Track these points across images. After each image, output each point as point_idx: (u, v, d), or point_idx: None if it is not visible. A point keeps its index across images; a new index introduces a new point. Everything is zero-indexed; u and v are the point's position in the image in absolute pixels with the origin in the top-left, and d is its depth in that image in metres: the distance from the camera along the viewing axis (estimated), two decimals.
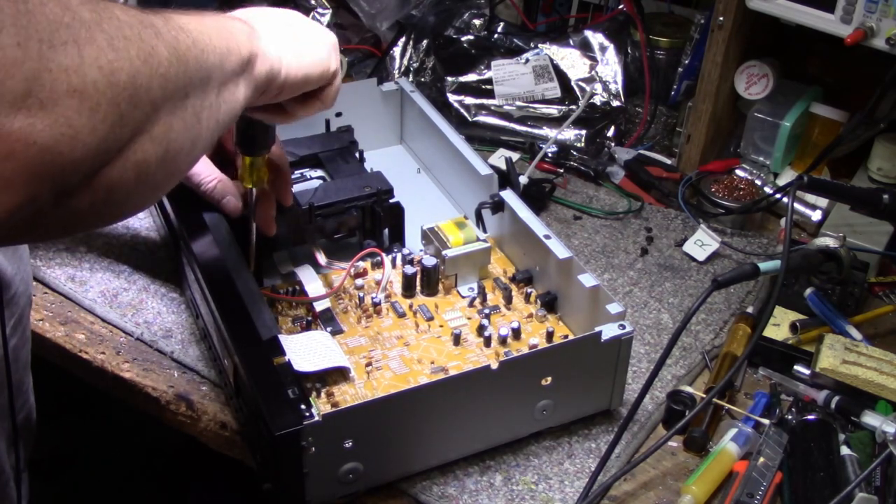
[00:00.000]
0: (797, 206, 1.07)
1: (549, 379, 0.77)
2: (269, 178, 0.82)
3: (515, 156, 1.17)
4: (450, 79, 1.25)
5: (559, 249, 0.83)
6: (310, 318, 0.84)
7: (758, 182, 1.11)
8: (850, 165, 1.13)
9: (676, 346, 0.88)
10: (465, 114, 1.23)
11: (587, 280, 0.80)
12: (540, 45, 1.25)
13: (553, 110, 1.22)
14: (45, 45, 0.45)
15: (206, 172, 0.85)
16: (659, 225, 1.09)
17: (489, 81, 1.23)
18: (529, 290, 0.87)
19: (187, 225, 0.85)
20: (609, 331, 0.77)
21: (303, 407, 0.70)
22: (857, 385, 0.83)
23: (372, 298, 0.85)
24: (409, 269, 0.86)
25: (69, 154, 0.47)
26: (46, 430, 0.87)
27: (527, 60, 1.23)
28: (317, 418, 0.68)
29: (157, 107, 0.52)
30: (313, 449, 0.69)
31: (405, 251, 0.91)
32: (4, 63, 0.44)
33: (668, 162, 1.18)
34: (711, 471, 0.76)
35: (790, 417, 0.82)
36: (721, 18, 1.06)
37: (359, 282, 0.88)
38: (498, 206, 0.91)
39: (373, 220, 0.91)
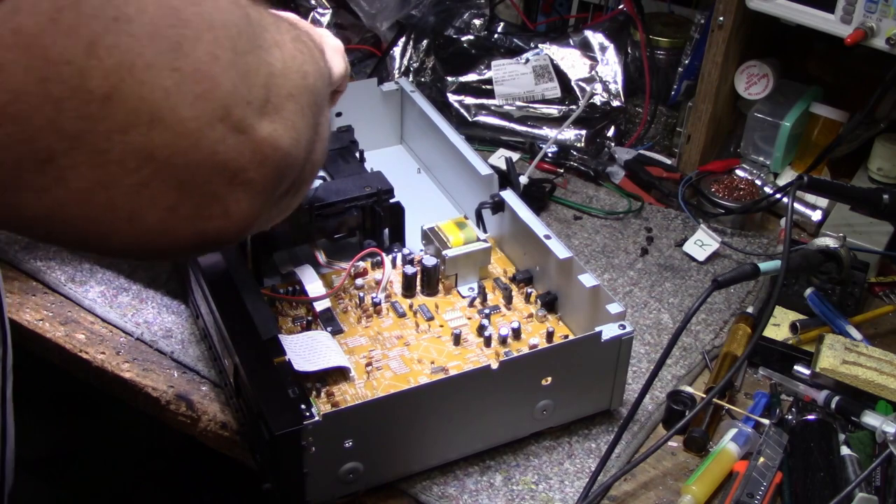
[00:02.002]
0: (797, 206, 1.07)
1: (549, 379, 0.77)
2: None
3: (515, 156, 1.17)
4: (450, 79, 1.25)
5: (559, 249, 0.83)
6: (310, 318, 0.84)
7: (758, 182, 1.11)
8: (850, 165, 1.13)
9: (676, 346, 0.88)
10: (465, 114, 1.23)
11: (587, 280, 0.80)
12: (540, 45, 1.25)
13: (553, 110, 1.22)
14: (263, 51, 0.46)
15: None
16: (659, 225, 1.09)
17: (489, 81, 1.23)
18: (529, 290, 0.87)
19: None
20: (609, 331, 0.77)
21: (303, 407, 0.70)
22: (857, 385, 0.83)
23: (372, 298, 0.85)
24: (410, 269, 0.86)
25: (296, 156, 0.48)
26: (46, 430, 0.87)
27: (527, 60, 1.23)
28: (317, 418, 0.68)
29: (322, 108, 0.53)
30: (313, 449, 0.69)
31: (405, 251, 0.91)
32: (248, 70, 0.44)
33: (668, 162, 1.18)
34: (711, 471, 0.76)
35: (790, 417, 0.82)
36: (721, 18, 1.06)
37: (359, 282, 0.87)
38: (498, 206, 0.91)
39: (373, 220, 0.91)
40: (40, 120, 0.37)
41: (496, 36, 1.29)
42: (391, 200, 0.91)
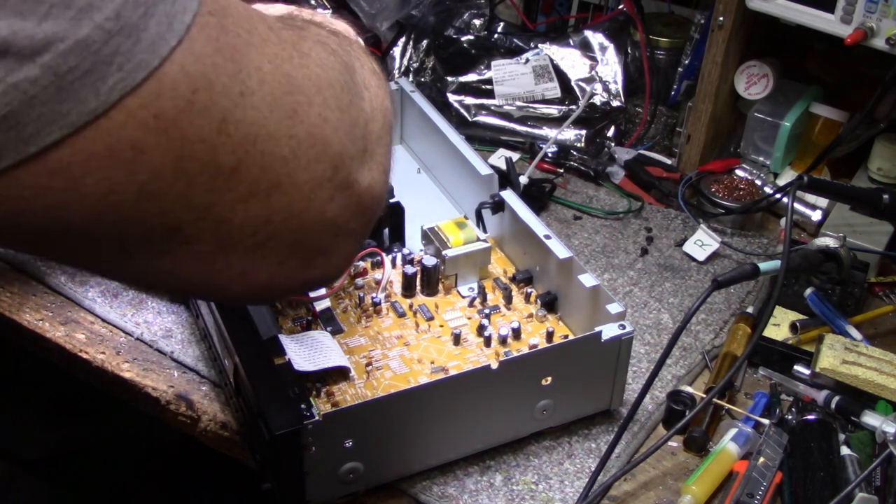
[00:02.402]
0: (797, 206, 1.07)
1: (549, 379, 0.77)
2: None
3: (515, 156, 1.17)
4: (450, 79, 1.25)
5: (559, 249, 0.83)
6: (310, 318, 0.83)
7: (758, 182, 1.11)
8: (850, 165, 1.13)
9: (676, 346, 0.88)
10: (465, 114, 1.23)
11: (587, 280, 0.80)
12: (540, 45, 1.25)
13: (553, 110, 1.22)
14: (359, 99, 0.47)
15: None
16: (659, 225, 1.09)
17: (489, 81, 1.23)
18: (529, 290, 0.87)
19: None
20: (609, 331, 0.77)
21: (303, 407, 0.70)
22: (857, 385, 0.83)
23: (372, 298, 0.85)
24: (409, 269, 0.86)
25: (382, 197, 0.50)
26: (46, 430, 0.87)
27: (527, 60, 1.23)
28: (317, 418, 0.68)
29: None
30: (313, 449, 0.69)
31: (405, 251, 0.91)
32: (351, 125, 0.45)
33: (668, 162, 1.18)
34: (711, 471, 0.76)
35: (790, 417, 0.82)
36: (721, 18, 1.06)
37: (359, 281, 0.87)
38: (498, 206, 0.91)
39: None
40: (173, 196, 0.38)
41: (496, 36, 1.29)
42: (391, 200, 0.91)
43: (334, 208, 0.44)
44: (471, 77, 1.24)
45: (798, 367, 0.86)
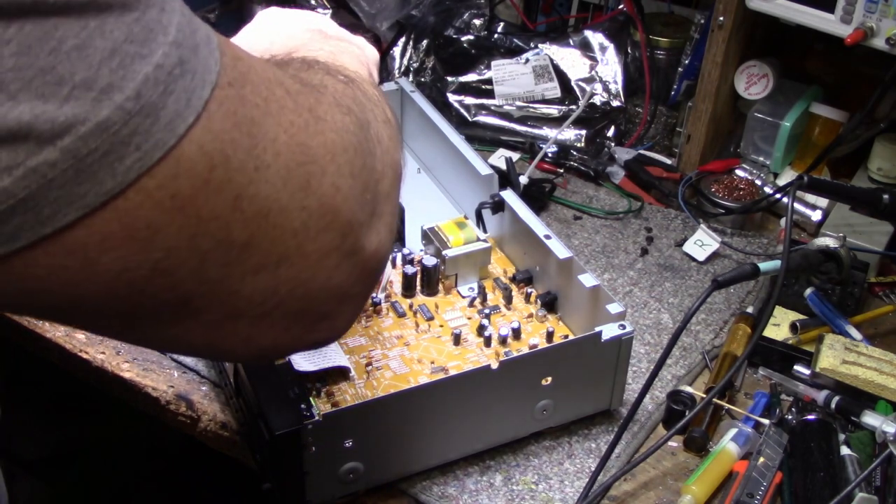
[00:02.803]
0: (797, 206, 1.07)
1: (549, 379, 0.77)
2: None
3: (515, 156, 1.17)
4: (450, 79, 1.25)
5: (559, 249, 0.83)
6: None
7: (758, 182, 1.11)
8: (850, 165, 1.13)
9: (676, 346, 0.88)
10: (465, 114, 1.23)
11: (587, 280, 0.80)
12: (540, 45, 1.25)
13: (553, 110, 1.22)
14: (371, 157, 0.47)
15: None
16: (659, 225, 1.09)
17: (489, 81, 1.23)
18: (529, 290, 0.87)
19: None
20: (609, 331, 0.77)
21: (303, 407, 0.70)
22: (857, 385, 0.83)
23: (372, 298, 0.85)
24: (410, 269, 0.86)
25: (387, 257, 0.49)
26: (46, 430, 0.87)
27: (527, 60, 1.23)
28: (317, 418, 0.68)
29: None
30: (313, 449, 0.69)
31: (405, 251, 0.91)
32: (362, 190, 0.45)
33: (668, 162, 1.18)
34: (711, 471, 0.76)
35: (790, 417, 0.82)
36: (721, 18, 1.06)
37: None
38: (498, 206, 0.91)
39: None
40: (186, 271, 0.38)
41: (496, 36, 1.29)
42: None
43: (340, 275, 0.44)
44: (471, 77, 1.24)
45: (798, 367, 0.86)
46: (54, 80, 0.33)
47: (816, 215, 1.07)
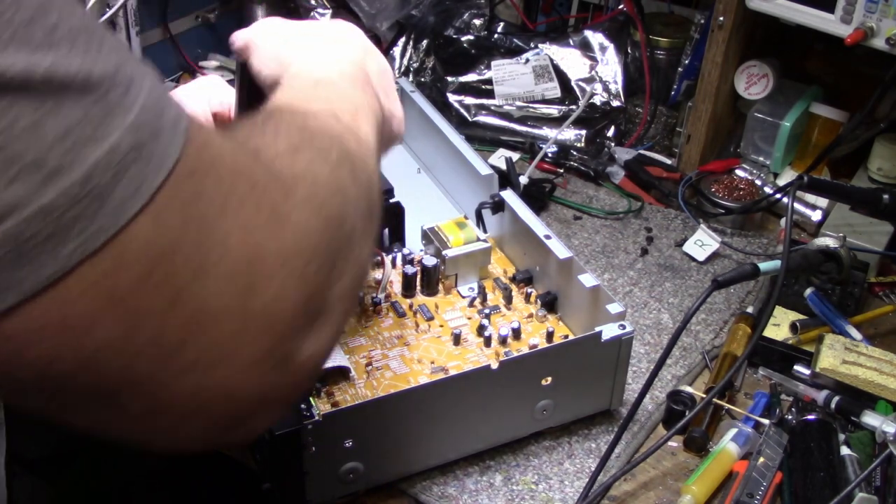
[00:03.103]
0: (797, 206, 1.07)
1: (549, 379, 0.77)
2: None
3: (515, 156, 1.17)
4: (450, 79, 1.25)
5: (559, 249, 0.83)
6: None
7: (758, 182, 1.11)
8: (850, 165, 1.13)
9: (676, 346, 0.88)
10: (465, 114, 1.23)
11: (587, 280, 0.80)
12: (540, 45, 1.25)
13: (553, 110, 1.22)
14: (340, 258, 0.45)
15: None
16: (659, 225, 1.09)
17: (489, 81, 1.23)
18: (529, 290, 0.87)
19: None
20: (609, 331, 0.77)
21: (303, 407, 0.70)
22: (857, 385, 0.83)
23: (372, 298, 0.85)
24: (410, 269, 0.86)
25: (323, 362, 0.47)
26: (47, 429, 0.87)
27: (527, 60, 1.23)
28: (317, 418, 0.68)
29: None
30: (313, 449, 0.69)
31: (405, 251, 0.91)
32: (312, 295, 0.42)
33: (668, 162, 1.18)
34: (711, 471, 0.76)
35: (790, 417, 0.82)
36: (721, 18, 1.06)
37: None
38: (498, 206, 0.91)
39: None
40: (116, 365, 0.37)
41: (496, 36, 1.29)
42: (391, 200, 0.91)
43: (268, 383, 0.41)
44: (471, 77, 1.24)
45: (798, 367, 0.86)
46: (4, 160, 0.32)
47: (816, 215, 1.07)
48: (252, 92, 0.73)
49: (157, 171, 0.35)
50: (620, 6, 1.24)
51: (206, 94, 0.78)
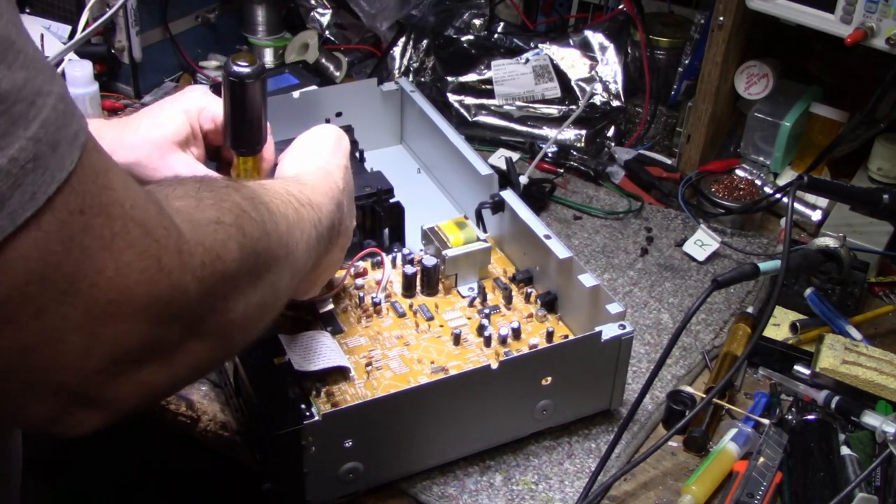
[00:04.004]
0: (797, 206, 1.07)
1: (549, 379, 0.77)
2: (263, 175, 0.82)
3: (515, 156, 1.17)
4: (450, 79, 1.25)
5: (559, 249, 0.83)
6: (310, 318, 0.83)
7: (758, 182, 1.11)
8: (850, 165, 1.13)
9: (676, 346, 0.88)
10: (465, 114, 1.23)
11: (587, 280, 0.80)
12: (540, 45, 1.25)
13: (553, 110, 1.22)
14: (199, 314, 0.47)
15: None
16: (659, 225, 1.09)
17: (489, 81, 1.23)
18: (529, 290, 0.87)
19: None
20: (609, 331, 0.77)
21: (303, 407, 0.70)
22: (857, 385, 0.83)
23: (372, 298, 0.85)
24: (410, 269, 0.86)
25: (165, 391, 0.49)
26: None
27: (527, 60, 1.23)
28: (317, 418, 0.68)
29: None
30: (313, 449, 0.69)
31: (405, 251, 0.91)
32: (165, 338, 0.45)
33: (668, 162, 1.18)
34: (711, 471, 0.76)
35: (790, 417, 0.82)
36: (721, 18, 1.06)
37: (359, 281, 0.87)
38: (498, 206, 0.91)
39: (373, 220, 0.91)
40: None
41: (496, 36, 1.29)
42: (391, 200, 0.91)
43: (99, 397, 0.44)
44: (471, 77, 1.24)
45: (798, 367, 0.86)
46: None
47: (816, 215, 1.07)
48: (244, 108, 0.73)
49: (50, 182, 0.38)
50: (620, 6, 1.24)
51: (196, 110, 0.79)
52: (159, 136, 0.76)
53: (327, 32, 1.34)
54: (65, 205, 0.39)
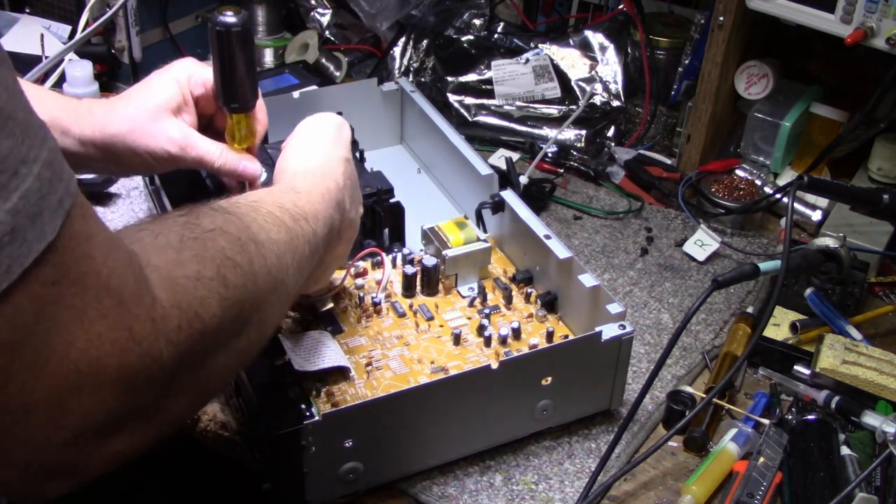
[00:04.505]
0: (797, 206, 1.07)
1: (549, 379, 0.77)
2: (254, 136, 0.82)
3: (515, 156, 1.17)
4: (450, 79, 1.25)
5: (559, 249, 0.83)
6: (310, 318, 0.83)
7: (758, 182, 1.11)
8: (850, 165, 1.13)
9: (676, 346, 0.88)
10: (465, 114, 1.23)
11: (587, 280, 0.80)
12: (540, 45, 1.25)
13: (553, 110, 1.22)
14: (180, 389, 0.47)
15: (211, 149, 0.80)
16: (659, 225, 1.09)
17: (489, 81, 1.23)
18: (529, 290, 0.87)
19: None
20: (609, 331, 0.77)
21: (303, 407, 0.70)
22: (857, 385, 0.83)
23: (372, 298, 0.85)
24: (410, 269, 0.86)
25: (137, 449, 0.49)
26: None
27: (527, 60, 1.23)
28: (317, 418, 0.68)
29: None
30: (313, 449, 0.69)
31: (405, 251, 0.91)
32: (137, 407, 0.44)
33: (668, 162, 1.18)
34: (711, 471, 0.76)
35: (790, 417, 0.82)
36: (721, 18, 1.06)
37: (359, 281, 0.87)
38: (498, 206, 0.91)
39: (373, 220, 0.91)
40: None
41: (496, 36, 1.29)
42: (391, 200, 0.91)
43: (66, 462, 0.43)
44: (471, 77, 1.24)
45: (798, 367, 0.86)
46: None
47: (816, 215, 1.07)
48: (233, 60, 0.73)
49: (27, 254, 0.38)
50: (620, 6, 1.24)
51: (185, 77, 0.79)
52: (152, 104, 0.77)
53: (327, 32, 1.34)
54: (40, 277, 0.38)
